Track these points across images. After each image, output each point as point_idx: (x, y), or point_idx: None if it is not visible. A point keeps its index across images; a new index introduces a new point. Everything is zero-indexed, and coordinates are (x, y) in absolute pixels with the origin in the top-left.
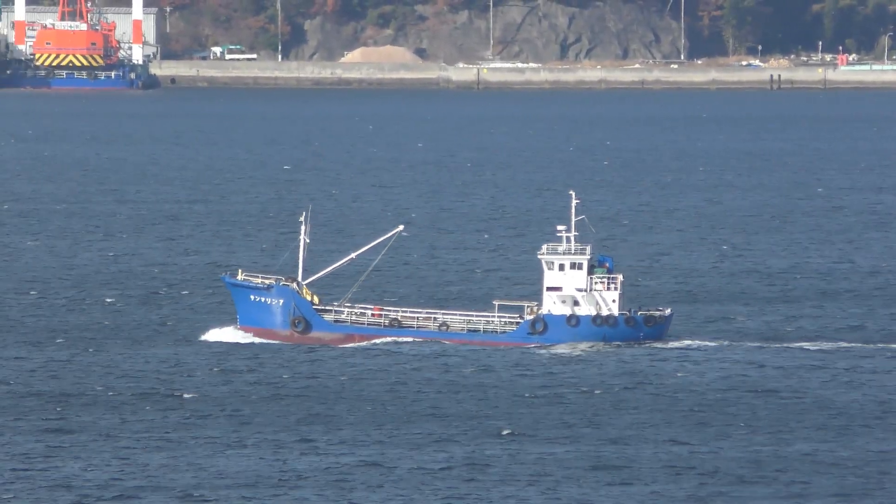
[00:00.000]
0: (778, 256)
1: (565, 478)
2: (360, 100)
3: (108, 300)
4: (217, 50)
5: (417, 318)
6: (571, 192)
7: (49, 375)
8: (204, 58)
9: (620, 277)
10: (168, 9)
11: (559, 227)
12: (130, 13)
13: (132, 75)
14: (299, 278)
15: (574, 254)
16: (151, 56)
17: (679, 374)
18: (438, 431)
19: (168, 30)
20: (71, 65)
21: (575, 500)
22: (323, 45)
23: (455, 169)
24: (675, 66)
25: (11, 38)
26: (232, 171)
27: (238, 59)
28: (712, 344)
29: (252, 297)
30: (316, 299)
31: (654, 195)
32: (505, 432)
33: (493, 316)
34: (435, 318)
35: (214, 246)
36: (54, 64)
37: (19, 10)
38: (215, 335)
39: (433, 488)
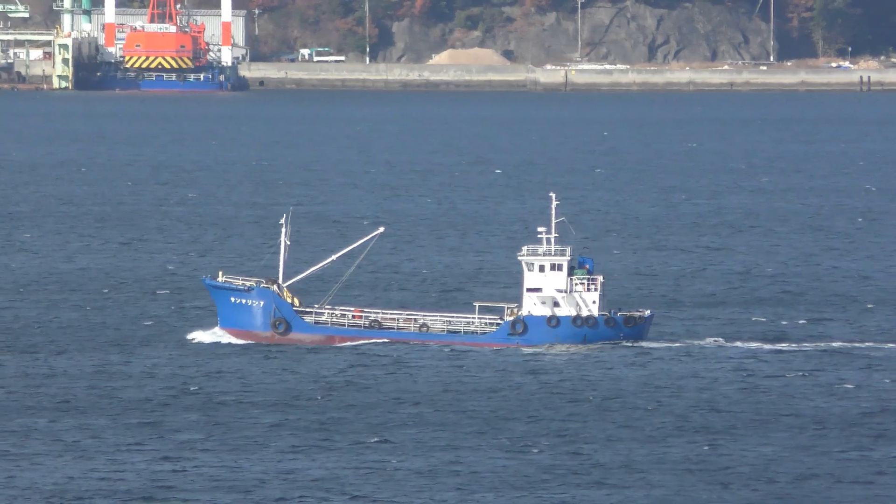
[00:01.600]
0: (764, 258)
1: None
2: (449, 102)
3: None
4: (305, 52)
5: (398, 319)
6: (551, 193)
7: (29, 381)
8: (292, 60)
9: (600, 278)
10: (257, 11)
11: (539, 229)
12: (219, 15)
13: (221, 77)
14: (280, 280)
15: (554, 255)
16: (240, 58)
17: (658, 375)
18: (417, 434)
19: (257, 32)
20: (160, 67)
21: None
22: (410, 48)
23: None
24: (764, 68)
25: (102, 41)
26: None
27: (326, 62)
28: (692, 345)
29: (232, 298)
30: (297, 301)
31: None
32: (482, 434)
33: (474, 317)
34: (415, 319)
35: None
36: (144, 66)
37: (109, 13)
38: (196, 337)
39: (410, 492)
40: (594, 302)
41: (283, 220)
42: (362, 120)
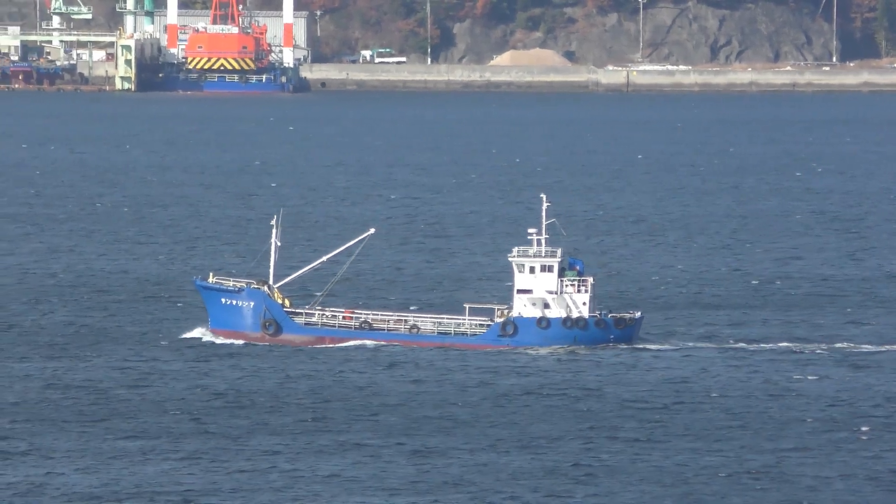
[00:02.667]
0: (758, 261)
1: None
2: (509, 103)
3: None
4: (367, 53)
5: (388, 320)
6: (542, 195)
7: (15, 384)
8: (353, 61)
9: (591, 280)
10: (318, 12)
11: (530, 230)
12: (281, 16)
13: (283, 79)
14: (270, 281)
15: (544, 256)
16: (302, 59)
17: (648, 377)
18: (407, 436)
19: (318, 33)
20: (222, 68)
21: None
22: (472, 49)
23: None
24: (827, 69)
25: (164, 42)
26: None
27: (387, 63)
28: (683, 346)
29: (223, 299)
30: (287, 302)
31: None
32: (472, 436)
33: (464, 318)
34: (405, 320)
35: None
36: (206, 67)
37: (172, 14)
38: (186, 338)
39: (398, 494)
40: (584, 303)
41: (273, 222)
42: (415, 120)
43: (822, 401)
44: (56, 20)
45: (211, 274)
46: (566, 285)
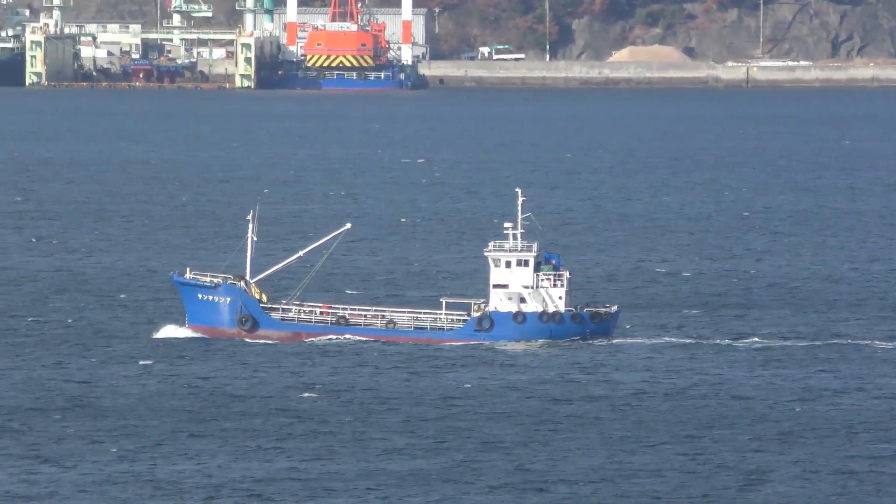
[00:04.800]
0: (739, 257)
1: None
2: (629, 99)
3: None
4: (485, 50)
5: (365, 315)
6: (518, 189)
7: None
8: (472, 58)
9: (567, 274)
10: (437, 9)
11: (506, 225)
12: (400, 14)
13: (401, 76)
14: (247, 276)
15: (520, 251)
16: (420, 56)
17: (622, 372)
18: (382, 434)
19: (437, 30)
20: (341, 66)
21: None
22: (590, 45)
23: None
24: None
25: (283, 40)
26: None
27: (506, 59)
28: (658, 341)
29: (200, 295)
30: (264, 297)
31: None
32: (444, 431)
33: (440, 313)
34: (382, 315)
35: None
36: (325, 65)
37: (291, 12)
38: (163, 334)
39: (373, 491)
40: (560, 298)
41: (249, 216)
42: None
43: (794, 395)
44: (177, 18)
45: (188, 269)
46: (542, 279)
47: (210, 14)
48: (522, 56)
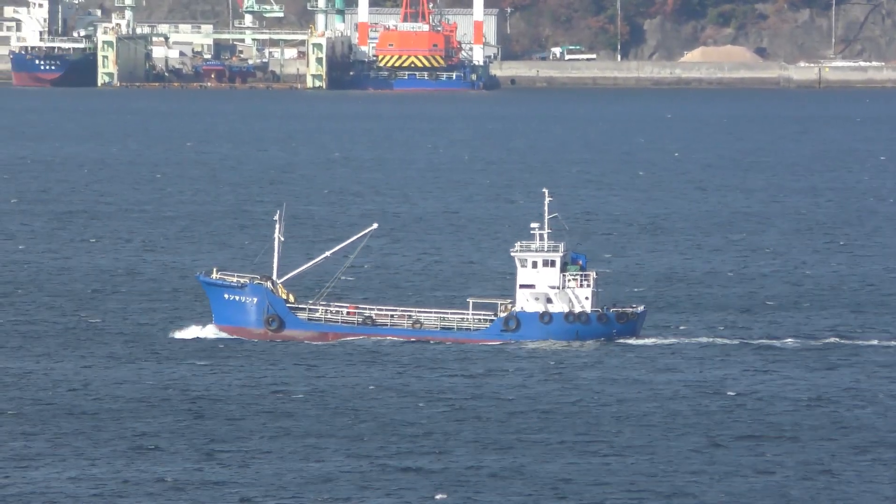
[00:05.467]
0: (762, 260)
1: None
2: (700, 99)
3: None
4: (556, 50)
5: (391, 316)
6: (545, 189)
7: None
8: (543, 58)
9: (593, 274)
10: (509, 9)
11: (532, 225)
12: (471, 14)
13: (473, 76)
14: (274, 276)
15: (547, 251)
16: (492, 57)
17: (649, 373)
18: (411, 434)
19: (508, 30)
20: (413, 66)
21: None
22: (662, 45)
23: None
24: None
25: (355, 40)
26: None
27: (577, 60)
28: (685, 342)
29: (226, 295)
30: (292, 297)
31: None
32: (468, 432)
33: (467, 313)
34: (409, 315)
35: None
36: (396, 65)
37: (362, 12)
38: (190, 334)
39: (401, 493)
40: (587, 298)
41: (276, 217)
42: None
43: (814, 398)
44: (248, 19)
45: (215, 269)
46: (569, 280)
47: (282, 14)
48: (594, 56)
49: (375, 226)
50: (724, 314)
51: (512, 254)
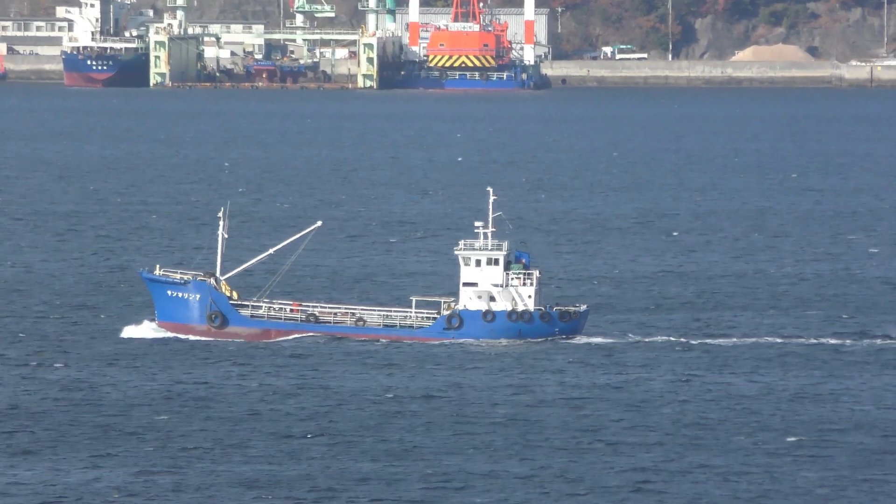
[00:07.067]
0: (710, 257)
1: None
2: (751, 99)
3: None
4: (607, 50)
5: (335, 313)
6: (489, 188)
7: None
8: (594, 58)
9: (537, 273)
10: (559, 9)
11: (476, 224)
12: (522, 14)
13: (524, 76)
14: (217, 273)
15: (490, 250)
16: (543, 56)
17: (590, 372)
18: (350, 433)
19: (559, 30)
20: (463, 66)
21: None
22: (713, 44)
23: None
24: None
25: (405, 40)
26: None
27: (628, 59)
28: (627, 341)
29: (169, 292)
30: (234, 294)
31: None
32: (411, 431)
33: (410, 311)
34: (352, 313)
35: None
36: (447, 65)
37: (413, 12)
38: (132, 332)
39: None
40: (530, 296)
41: (220, 214)
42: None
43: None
44: (299, 19)
45: (157, 266)
46: (512, 278)
47: (333, 14)
48: (645, 55)
49: (319, 223)
50: (669, 314)
51: (456, 252)
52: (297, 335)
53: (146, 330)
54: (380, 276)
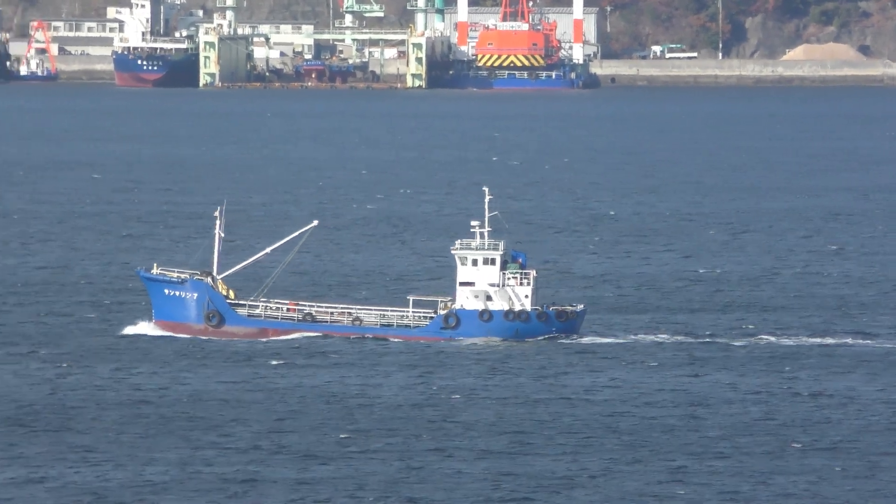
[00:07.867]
0: (706, 259)
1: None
2: (802, 97)
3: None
4: (657, 49)
5: (331, 312)
6: (485, 188)
7: None
8: (643, 57)
9: (533, 273)
10: (609, 8)
11: (473, 223)
12: (571, 13)
13: (573, 75)
14: (214, 272)
15: (487, 249)
16: (592, 55)
17: (587, 372)
18: (348, 433)
19: (608, 29)
20: (512, 65)
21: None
22: (764, 43)
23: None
24: None
25: (454, 40)
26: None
27: (678, 58)
28: (624, 340)
29: (166, 291)
30: (232, 293)
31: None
32: (410, 430)
33: (407, 311)
34: (349, 312)
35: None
36: (496, 65)
37: (462, 12)
38: (131, 330)
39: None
40: (527, 296)
41: (216, 213)
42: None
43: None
44: (348, 19)
45: (155, 265)
46: (508, 278)
47: (381, 14)
48: (695, 55)
49: (316, 223)
50: (666, 314)
51: (452, 252)
52: (293, 334)
53: (144, 328)
54: (378, 276)
